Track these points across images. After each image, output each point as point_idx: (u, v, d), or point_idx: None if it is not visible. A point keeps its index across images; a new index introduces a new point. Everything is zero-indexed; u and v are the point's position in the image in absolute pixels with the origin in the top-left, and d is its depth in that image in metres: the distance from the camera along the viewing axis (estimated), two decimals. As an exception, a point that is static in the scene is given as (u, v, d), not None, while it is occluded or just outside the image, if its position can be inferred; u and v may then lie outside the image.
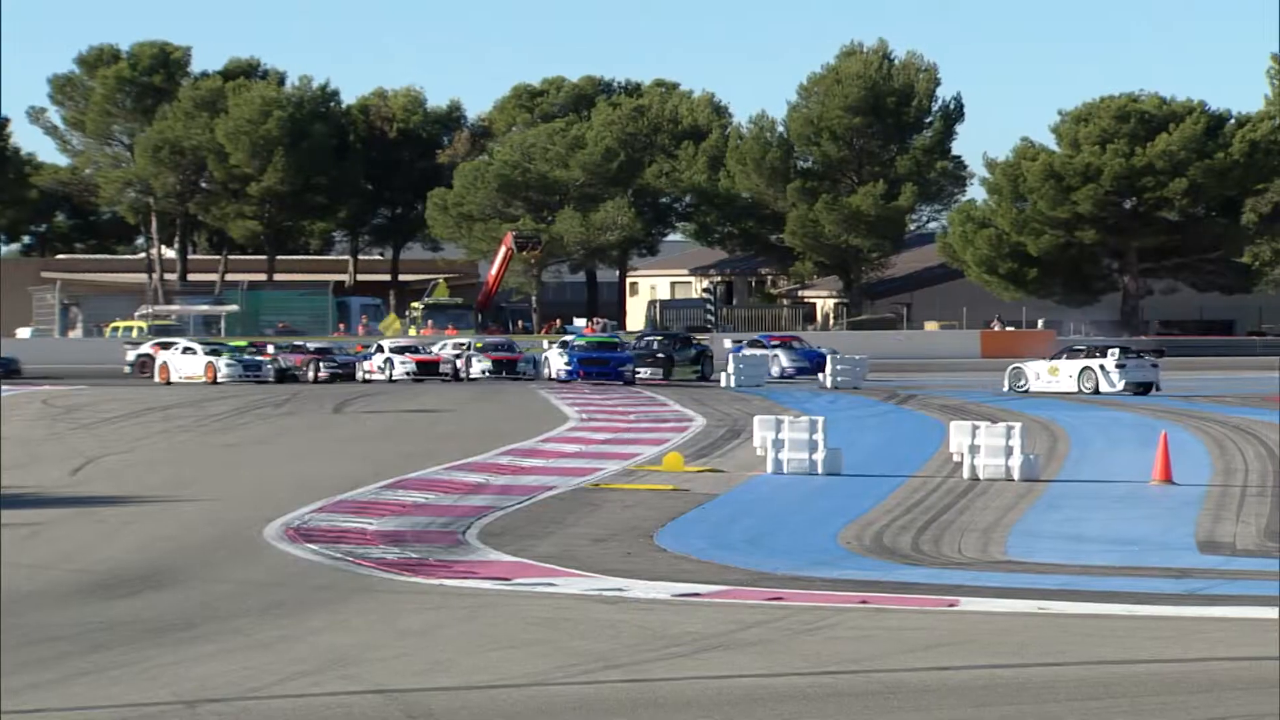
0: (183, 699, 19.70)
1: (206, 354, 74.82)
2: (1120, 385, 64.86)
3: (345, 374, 75.61)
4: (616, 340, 79.00)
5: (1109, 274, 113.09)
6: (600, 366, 73.47)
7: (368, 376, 76.43)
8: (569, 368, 73.32)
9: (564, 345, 77.07)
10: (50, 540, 31.89)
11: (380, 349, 79.40)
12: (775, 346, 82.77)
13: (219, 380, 72.52)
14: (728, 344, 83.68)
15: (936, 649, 22.89)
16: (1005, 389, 66.03)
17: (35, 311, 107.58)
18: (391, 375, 76.08)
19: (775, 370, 79.43)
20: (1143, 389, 65.48)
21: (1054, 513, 36.30)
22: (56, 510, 35.80)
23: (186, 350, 75.75)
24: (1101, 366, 65.50)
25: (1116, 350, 67.48)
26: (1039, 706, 19.23)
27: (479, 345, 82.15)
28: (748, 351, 78.80)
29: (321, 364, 75.66)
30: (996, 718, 18.66)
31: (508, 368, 78.47)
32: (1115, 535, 33.56)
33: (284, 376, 73.97)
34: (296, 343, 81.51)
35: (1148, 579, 28.50)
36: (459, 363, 78.19)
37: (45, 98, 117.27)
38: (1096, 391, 64.66)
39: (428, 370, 76.78)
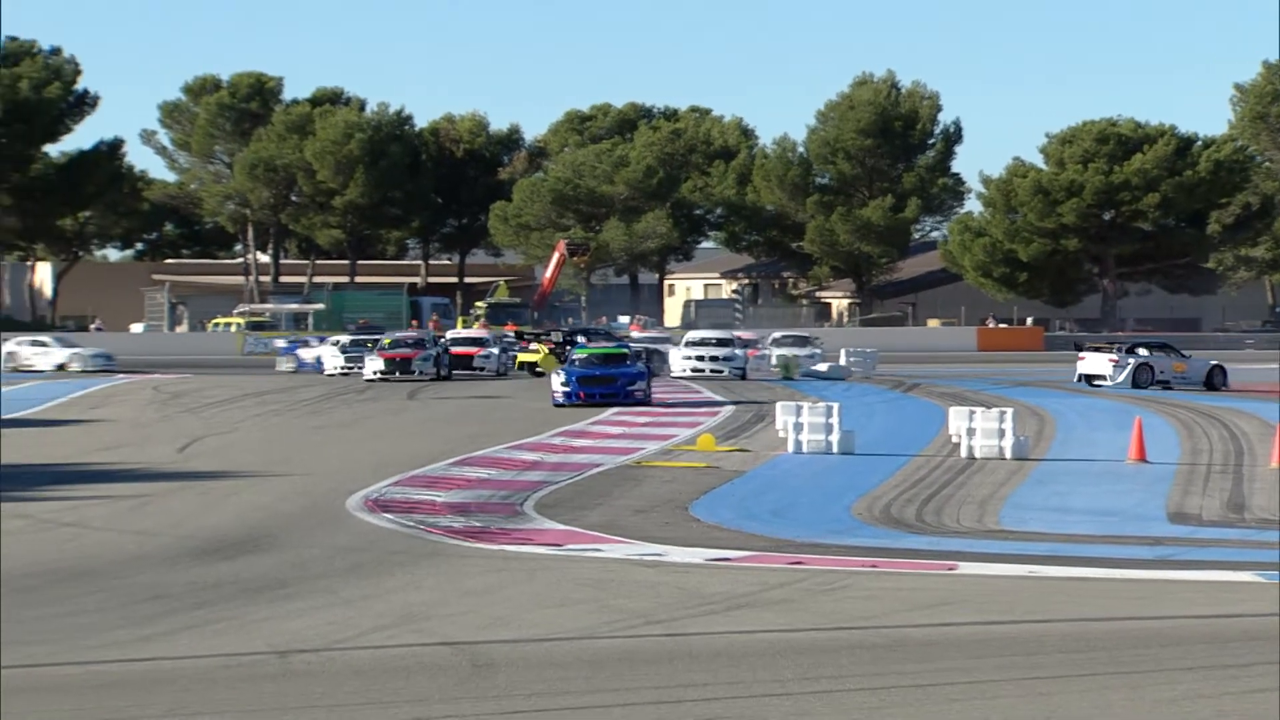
0: (276, 649, 19.72)
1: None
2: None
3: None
4: (625, 351, 56.00)
5: (1090, 277, 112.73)
6: (605, 387, 52.30)
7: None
8: (567, 389, 52.07)
9: (564, 369, 54.59)
10: (159, 510, 31.93)
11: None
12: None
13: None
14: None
15: (938, 607, 22.84)
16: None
17: (147, 309, 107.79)
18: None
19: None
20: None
21: (1041, 488, 36.20)
22: (165, 483, 35.85)
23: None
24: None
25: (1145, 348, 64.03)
26: (1029, 658, 19.17)
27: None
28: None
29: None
30: (991, 668, 18.61)
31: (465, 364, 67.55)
32: (1096, 507, 33.46)
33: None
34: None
35: (1125, 546, 28.42)
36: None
37: (156, 122, 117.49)
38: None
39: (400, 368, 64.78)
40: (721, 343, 68.70)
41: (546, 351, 67.66)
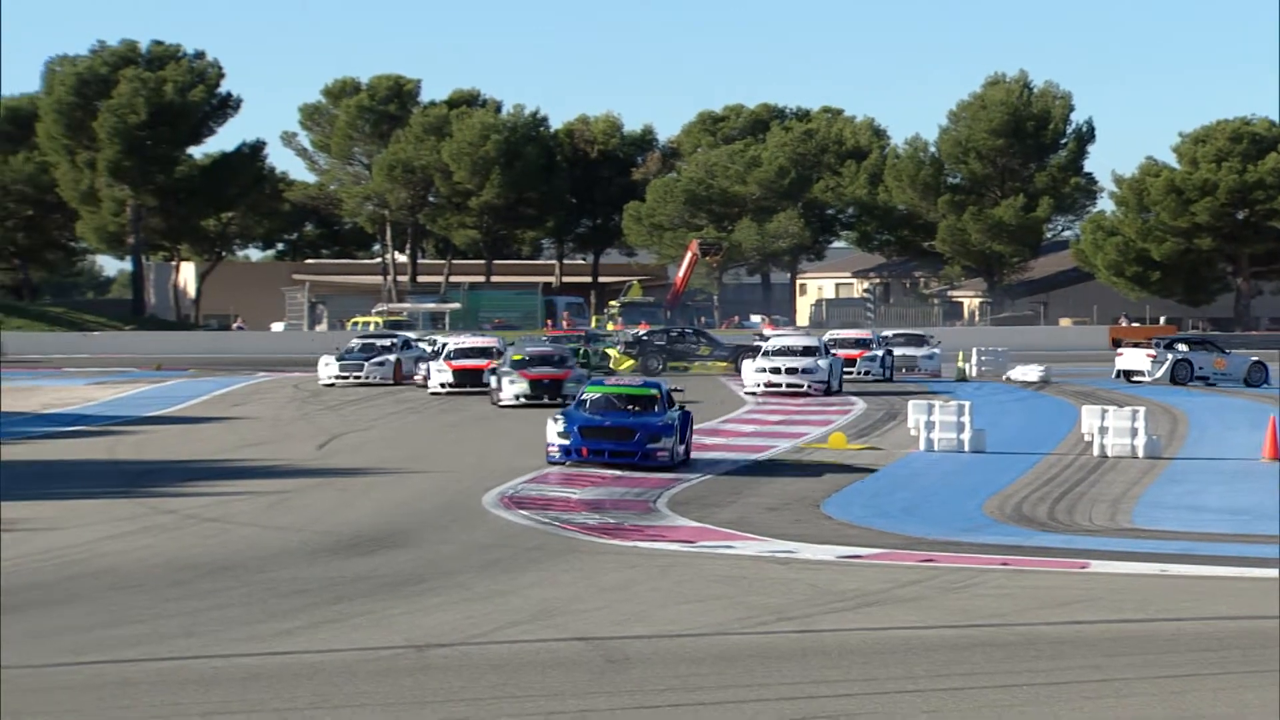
0: (414, 643, 19.84)
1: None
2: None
3: None
4: (654, 392, 38.25)
5: (1223, 276, 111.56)
6: (617, 442, 36.57)
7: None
8: (565, 442, 36.74)
9: (563, 414, 37.96)
10: (299, 506, 32.18)
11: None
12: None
13: None
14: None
15: (1070, 605, 22.70)
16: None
17: (287, 308, 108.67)
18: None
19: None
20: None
21: (1174, 486, 35.89)
22: (304, 480, 36.12)
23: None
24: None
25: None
26: (1161, 657, 19.02)
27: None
28: None
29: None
30: (1124, 666, 18.47)
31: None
32: (1229, 506, 33.13)
33: None
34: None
35: (1258, 545, 28.13)
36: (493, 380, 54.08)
37: (296, 124, 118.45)
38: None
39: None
40: (807, 350, 57.31)
41: (618, 353, 67.44)
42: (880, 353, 63.47)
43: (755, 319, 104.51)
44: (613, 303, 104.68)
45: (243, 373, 69.68)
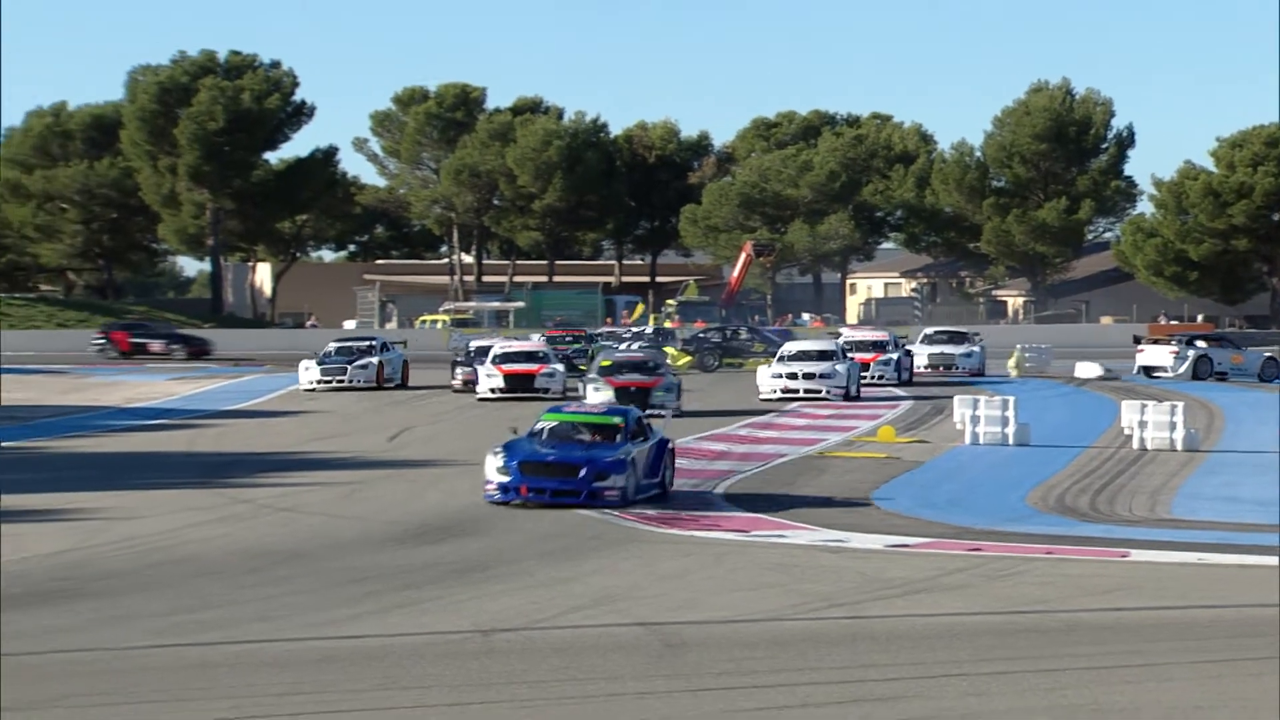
0: (480, 628, 19.85)
1: None
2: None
3: None
4: (617, 422, 31.83)
5: (1259, 276, 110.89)
6: (561, 480, 30.24)
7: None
8: (505, 479, 30.32)
9: (505, 447, 31.06)
10: (369, 496, 32.24)
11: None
12: None
13: None
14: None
15: (1111, 593, 22.59)
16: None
17: (358, 307, 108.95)
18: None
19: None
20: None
21: (1212, 478, 35.69)
22: (375, 471, 36.19)
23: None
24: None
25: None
26: (1200, 643, 18.91)
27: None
28: None
29: None
30: (1164, 652, 18.37)
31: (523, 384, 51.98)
32: (1266, 497, 32.92)
33: None
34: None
35: (1293, 536, 27.95)
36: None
37: (367, 130, 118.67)
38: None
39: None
40: (823, 355, 52.66)
41: (676, 350, 67.22)
42: (896, 355, 58.19)
43: (806, 317, 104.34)
44: (670, 301, 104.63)
45: (159, 365, 69.83)
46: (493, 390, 52.17)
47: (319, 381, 57.30)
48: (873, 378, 56.36)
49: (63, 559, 24.68)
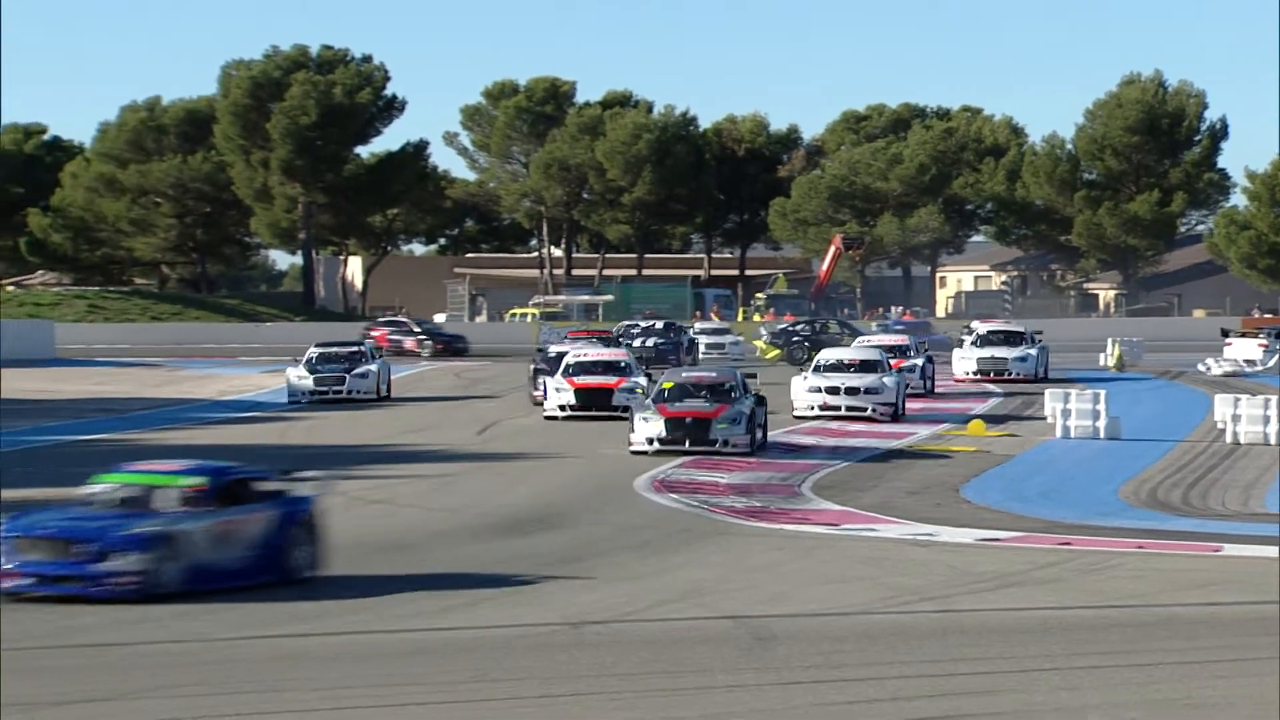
0: (569, 620, 19.89)
1: None
2: None
3: None
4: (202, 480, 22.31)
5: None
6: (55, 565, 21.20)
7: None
8: None
9: None
10: (460, 489, 32.36)
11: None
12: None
13: None
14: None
15: (1204, 588, 22.45)
16: None
17: (449, 300, 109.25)
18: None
19: None
20: None
21: (1307, 472, 35.33)
22: (465, 464, 36.30)
23: None
24: None
25: None
26: (1295, 638, 18.74)
27: None
28: None
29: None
30: (1260, 647, 18.21)
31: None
32: (1360, 492, 32.57)
33: None
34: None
35: (1389, 531, 27.65)
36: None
37: (458, 125, 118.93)
38: None
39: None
40: (867, 365, 44.96)
41: (765, 343, 67.07)
42: (920, 361, 51.27)
43: (896, 310, 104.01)
44: (759, 295, 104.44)
45: (407, 362, 70.10)
46: (561, 408, 43.74)
47: (313, 392, 49.18)
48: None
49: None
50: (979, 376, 55.77)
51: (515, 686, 16.33)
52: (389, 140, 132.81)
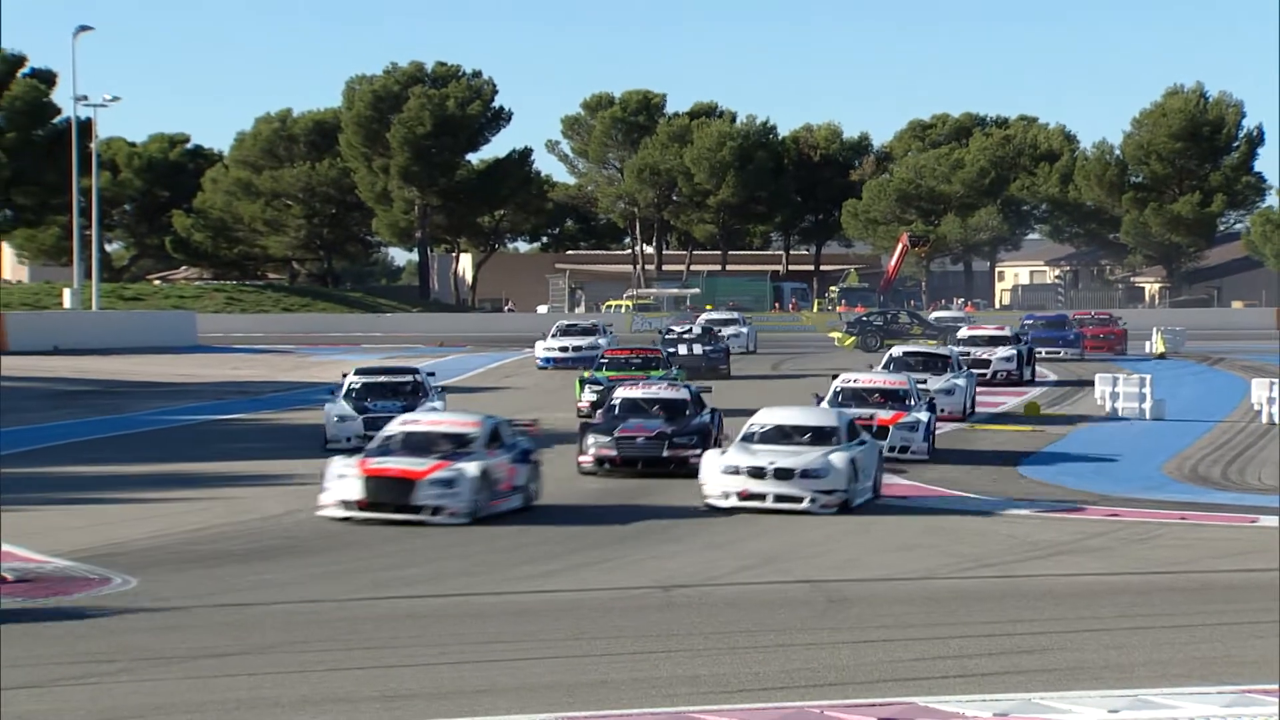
0: (660, 584, 19.91)
1: None
2: None
3: None
4: None
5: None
6: None
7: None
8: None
9: None
10: (561, 467, 32.31)
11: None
12: None
13: None
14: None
15: (1241, 555, 22.27)
16: None
17: (550, 293, 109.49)
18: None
19: None
20: None
21: (1337, 451, 34.97)
22: (566, 446, 36.25)
23: None
24: None
25: None
26: (1325, 603, 18.56)
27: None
28: None
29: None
30: (1291, 611, 18.05)
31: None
32: (1386, 469, 32.22)
33: None
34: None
35: None
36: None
37: (559, 133, 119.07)
38: None
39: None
40: (819, 435, 27.08)
41: (842, 333, 66.68)
42: (924, 418, 32.88)
43: (958, 303, 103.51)
44: (832, 288, 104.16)
45: (512, 349, 70.28)
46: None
47: (362, 437, 31.75)
48: (893, 449, 31.81)
49: (287, 520, 25.02)
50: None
51: (610, 644, 16.36)
52: (496, 148, 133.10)
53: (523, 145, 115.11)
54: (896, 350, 42.33)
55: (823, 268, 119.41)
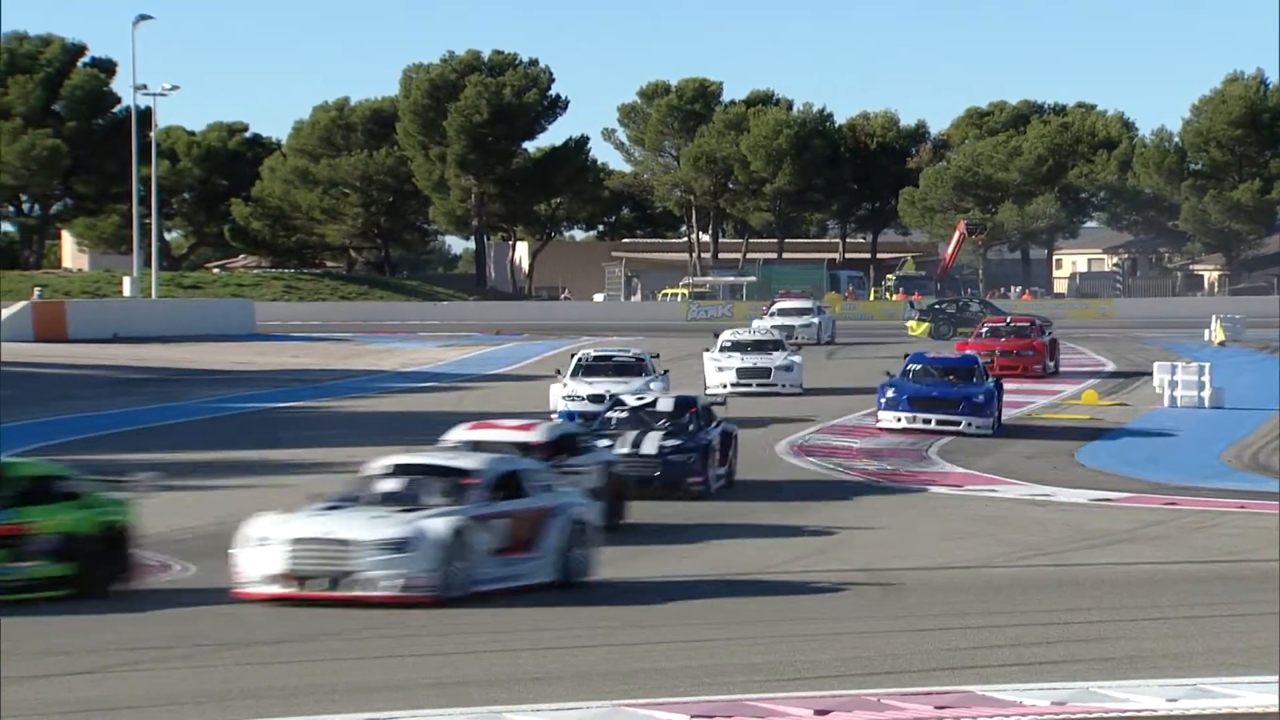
0: (716, 572, 19.91)
1: None
2: None
3: None
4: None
5: None
6: None
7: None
8: None
9: None
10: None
11: None
12: None
13: None
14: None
15: (1301, 545, 22.08)
16: None
17: (606, 282, 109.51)
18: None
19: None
20: None
21: (1397, 439, 34.66)
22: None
23: None
24: None
25: None
26: (1385, 592, 18.40)
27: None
28: None
29: None
30: (1351, 600, 17.90)
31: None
32: None
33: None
34: None
35: None
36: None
37: (615, 122, 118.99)
38: None
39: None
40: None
41: (915, 321, 66.49)
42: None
43: (1015, 290, 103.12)
44: (889, 276, 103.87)
45: (569, 337, 70.37)
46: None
47: None
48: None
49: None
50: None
51: (667, 631, 16.36)
52: (553, 136, 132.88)
53: (579, 133, 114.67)
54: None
55: (879, 255, 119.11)
